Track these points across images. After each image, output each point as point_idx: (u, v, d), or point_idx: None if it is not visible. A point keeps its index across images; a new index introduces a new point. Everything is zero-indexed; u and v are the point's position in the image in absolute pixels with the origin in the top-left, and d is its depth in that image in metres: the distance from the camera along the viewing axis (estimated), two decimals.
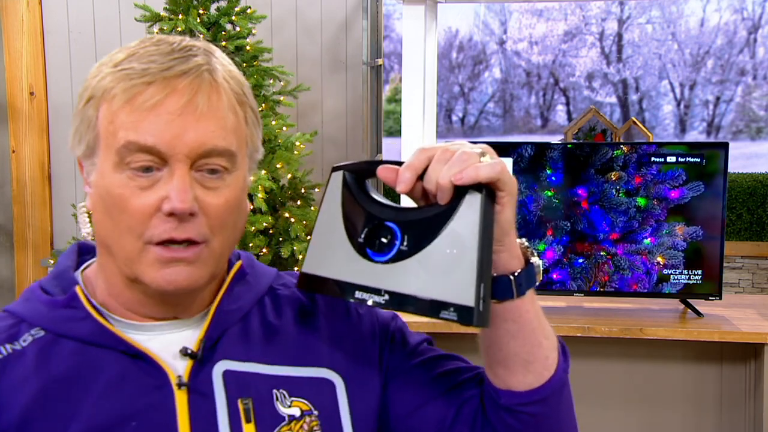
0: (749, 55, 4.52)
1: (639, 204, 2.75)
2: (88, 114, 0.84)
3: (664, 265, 2.76)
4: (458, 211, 0.80)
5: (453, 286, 0.79)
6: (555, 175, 2.77)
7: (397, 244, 0.82)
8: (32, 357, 0.85)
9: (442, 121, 4.69)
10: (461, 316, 0.78)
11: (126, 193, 0.82)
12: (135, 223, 0.82)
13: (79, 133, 0.86)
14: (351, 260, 0.85)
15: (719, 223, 2.72)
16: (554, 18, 4.53)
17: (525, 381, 0.89)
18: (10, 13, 4.05)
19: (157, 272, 0.83)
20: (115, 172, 0.82)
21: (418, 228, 0.81)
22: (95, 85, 0.84)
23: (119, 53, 0.85)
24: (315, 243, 0.90)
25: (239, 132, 0.86)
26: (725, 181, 2.72)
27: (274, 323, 0.93)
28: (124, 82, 0.81)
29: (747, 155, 4.58)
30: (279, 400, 0.88)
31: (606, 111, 4.50)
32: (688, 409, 2.91)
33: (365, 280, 0.83)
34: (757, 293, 4.29)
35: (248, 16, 3.48)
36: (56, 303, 0.89)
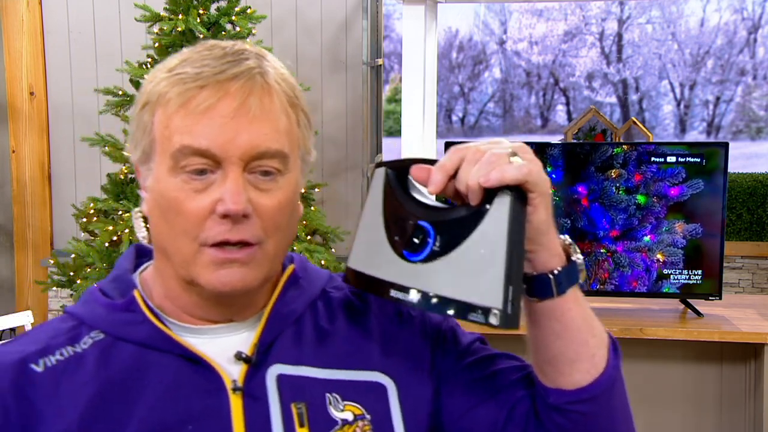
0: (749, 55, 4.52)
1: (639, 201, 2.75)
2: (143, 119, 0.85)
3: (663, 263, 2.76)
4: (489, 212, 0.79)
5: (481, 288, 0.78)
6: (555, 173, 2.77)
7: (431, 244, 0.82)
8: (92, 360, 0.86)
9: (442, 121, 4.69)
10: (488, 319, 0.78)
11: (181, 197, 0.82)
12: (190, 225, 0.83)
13: (135, 138, 0.87)
14: (388, 258, 0.85)
15: (719, 220, 2.72)
16: (554, 18, 4.53)
17: (572, 380, 0.88)
18: (10, 13, 4.05)
19: (212, 274, 0.83)
20: (170, 176, 0.83)
21: (451, 228, 0.81)
22: (150, 91, 0.85)
23: (173, 58, 0.86)
24: (358, 239, 0.90)
25: (291, 134, 0.87)
26: (725, 182, 2.71)
27: (327, 327, 0.93)
28: (177, 86, 0.82)
29: (747, 155, 4.58)
30: (332, 404, 0.88)
31: (606, 111, 4.50)
32: (688, 409, 2.91)
33: (400, 279, 0.83)
34: (757, 293, 4.29)
35: (248, 16, 3.48)
36: (115, 306, 0.90)
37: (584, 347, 0.88)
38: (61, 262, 3.30)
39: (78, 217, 3.30)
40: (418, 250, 0.83)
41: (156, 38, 3.44)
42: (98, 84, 3.55)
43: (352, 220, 4.17)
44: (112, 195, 3.25)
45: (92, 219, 3.22)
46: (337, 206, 4.20)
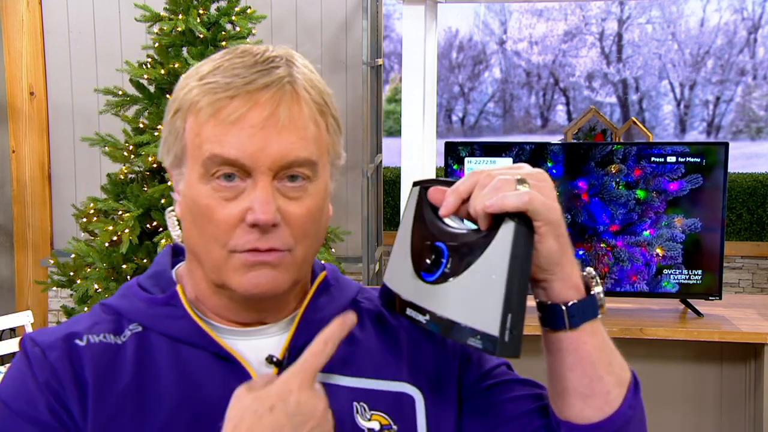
0: (749, 55, 4.52)
1: (638, 196, 2.76)
2: (176, 125, 0.86)
3: (663, 257, 2.77)
4: (494, 239, 0.79)
5: (481, 315, 0.79)
6: (556, 168, 2.78)
7: (443, 266, 0.82)
8: (131, 350, 0.88)
9: (442, 121, 4.69)
10: (486, 345, 0.78)
11: (212, 204, 0.84)
12: (220, 233, 0.84)
13: (167, 143, 0.88)
14: (409, 277, 0.85)
15: (717, 214, 2.73)
16: (554, 18, 4.53)
17: (583, 414, 0.88)
18: (10, 13, 4.05)
19: (243, 277, 0.84)
20: (201, 183, 0.84)
21: (462, 252, 0.81)
22: (182, 98, 0.86)
23: (205, 65, 0.87)
24: (392, 257, 0.90)
25: (320, 141, 0.87)
26: (725, 182, 2.72)
27: (357, 335, 0.93)
28: (209, 95, 0.83)
29: (747, 155, 4.58)
30: (359, 412, 0.88)
31: (606, 111, 4.50)
32: (688, 409, 2.91)
33: (415, 298, 0.84)
34: (757, 293, 4.29)
35: (248, 16, 3.48)
36: (155, 300, 0.91)
37: (598, 383, 0.87)
38: (61, 262, 3.30)
39: (78, 217, 3.31)
40: (433, 270, 0.83)
41: (156, 38, 3.44)
42: (98, 84, 3.55)
43: (352, 220, 4.17)
44: (112, 195, 3.25)
45: (92, 219, 3.23)
46: (338, 206, 4.19)
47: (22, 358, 0.88)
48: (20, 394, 0.85)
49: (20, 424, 0.83)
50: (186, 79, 0.87)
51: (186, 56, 3.38)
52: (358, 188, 3.86)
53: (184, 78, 0.88)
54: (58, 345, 0.87)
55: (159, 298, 0.91)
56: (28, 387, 0.85)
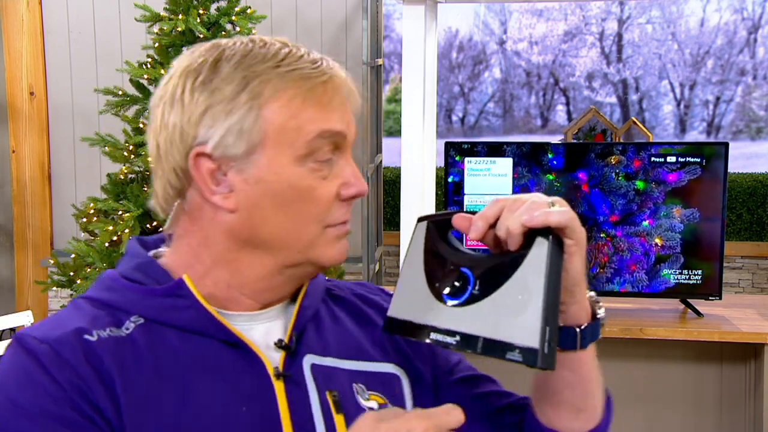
0: (749, 55, 4.52)
1: (638, 187, 2.78)
2: (251, 115, 0.85)
3: (662, 247, 2.78)
4: (527, 257, 0.83)
5: (519, 329, 0.82)
6: (556, 159, 2.81)
7: (470, 289, 0.86)
8: (141, 342, 0.87)
9: (442, 121, 4.69)
10: (526, 358, 0.81)
11: (313, 184, 0.87)
12: (320, 210, 0.88)
13: (234, 134, 0.86)
14: (428, 304, 0.88)
15: (717, 205, 2.75)
16: (554, 18, 4.53)
17: (571, 426, 0.95)
18: (10, 13, 4.05)
19: (334, 248, 0.90)
20: (295, 166, 0.86)
21: (490, 273, 0.85)
22: (255, 88, 0.86)
23: (263, 56, 0.87)
24: (399, 288, 0.93)
25: None
26: (725, 182, 2.73)
27: (340, 321, 0.99)
28: (300, 81, 0.86)
29: (747, 155, 4.58)
30: (359, 393, 0.92)
31: (606, 111, 4.50)
32: (688, 409, 2.91)
33: (439, 322, 0.87)
34: (757, 293, 4.29)
35: (248, 16, 3.48)
36: (155, 291, 0.90)
37: (591, 399, 0.94)
38: (61, 262, 3.30)
39: (78, 217, 3.30)
40: (458, 294, 0.87)
41: (156, 38, 3.44)
42: (98, 84, 3.55)
43: (352, 219, 4.16)
44: (112, 195, 3.25)
45: (92, 219, 3.23)
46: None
47: (25, 357, 0.84)
48: (39, 396, 0.81)
49: (48, 427, 0.81)
50: (241, 69, 0.86)
51: None
52: None
53: (245, 68, 0.86)
54: (68, 341, 0.85)
55: (158, 289, 0.90)
56: (46, 388, 0.82)
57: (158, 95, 0.91)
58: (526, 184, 2.82)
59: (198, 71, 0.87)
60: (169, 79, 0.90)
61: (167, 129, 0.88)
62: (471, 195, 2.96)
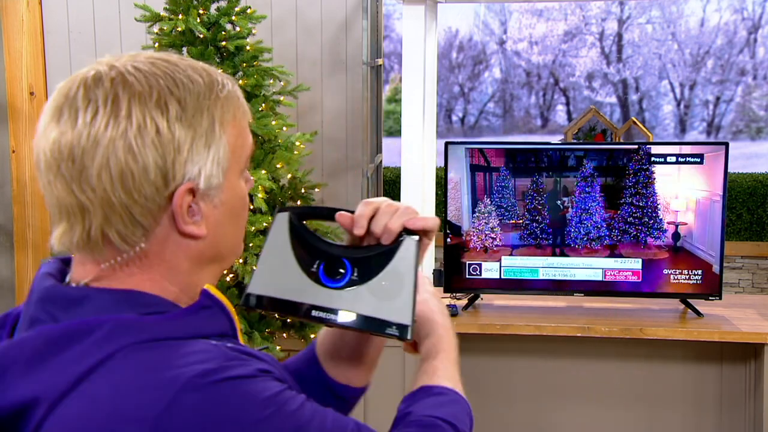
0: (749, 55, 4.52)
1: (638, 187, 2.79)
2: (222, 142, 0.87)
3: (661, 246, 2.80)
4: (399, 251, 1.02)
5: (395, 309, 1.01)
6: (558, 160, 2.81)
7: (349, 275, 1.02)
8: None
9: (442, 121, 4.70)
10: (401, 333, 1.00)
11: (246, 191, 0.95)
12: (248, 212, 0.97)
13: (215, 163, 0.87)
14: (305, 286, 1.03)
15: (717, 204, 2.76)
16: (554, 18, 4.53)
17: (365, 379, 1.17)
18: (10, 13, 4.05)
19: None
20: (240, 179, 0.93)
21: (367, 262, 1.03)
22: (220, 116, 0.88)
23: (205, 83, 0.89)
24: (263, 269, 1.06)
25: None
26: (725, 182, 2.73)
27: None
28: (236, 101, 0.92)
29: (747, 155, 4.59)
30: None
31: (606, 111, 4.51)
32: (688, 409, 2.92)
33: (320, 302, 1.02)
34: (757, 293, 4.30)
35: (248, 16, 3.48)
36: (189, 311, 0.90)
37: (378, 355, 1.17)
38: None
39: None
40: (338, 279, 1.03)
41: (156, 38, 3.44)
42: None
43: None
44: None
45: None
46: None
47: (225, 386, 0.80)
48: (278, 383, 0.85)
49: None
50: (203, 101, 0.86)
51: (186, 56, 3.38)
52: (358, 188, 3.87)
53: (202, 99, 0.86)
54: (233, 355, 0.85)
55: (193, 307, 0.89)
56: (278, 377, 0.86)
57: (100, 133, 0.82)
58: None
59: (164, 106, 0.83)
60: (114, 116, 0.83)
61: (133, 168, 0.82)
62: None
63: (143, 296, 0.86)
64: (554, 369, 2.97)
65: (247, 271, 3.26)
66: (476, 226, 2.85)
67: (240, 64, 3.44)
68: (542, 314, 2.84)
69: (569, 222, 2.82)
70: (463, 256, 2.86)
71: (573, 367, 2.96)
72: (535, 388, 2.98)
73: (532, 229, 2.83)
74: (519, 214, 2.84)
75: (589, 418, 2.97)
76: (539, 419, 3.00)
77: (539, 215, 2.83)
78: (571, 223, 2.82)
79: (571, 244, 2.83)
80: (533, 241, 2.84)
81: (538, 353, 2.96)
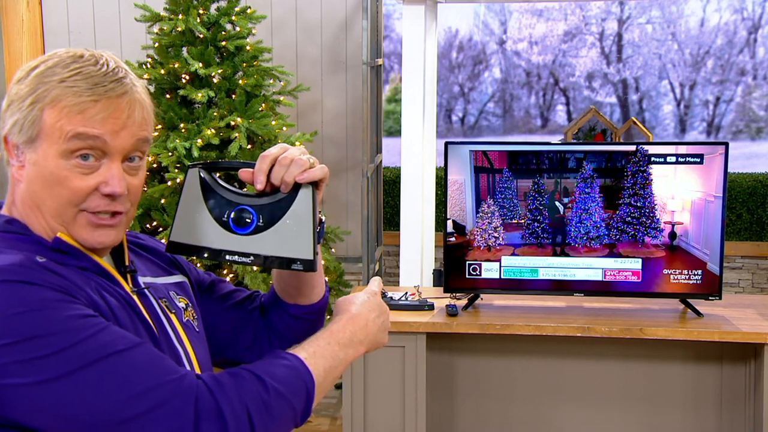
0: (749, 55, 4.52)
1: (638, 187, 2.80)
2: (32, 113, 1.07)
3: (660, 246, 2.81)
4: (297, 198, 1.17)
5: (299, 248, 1.16)
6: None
7: (255, 222, 1.17)
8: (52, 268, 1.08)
9: (442, 121, 4.70)
10: (306, 266, 1.16)
11: (70, 176, 1.07)
12: (73, 197, 1.08)
13: (20, 125, 1.08)
14: (218, 233, 1.19)
15: (717, 204, 2.76)
16: (554, 18, 4.54)
17: (309, 300, 1.34)
18: (11, 13, 4.06)
19: (88, 233, 1.10)
20: (60, 158, 1.07)
21: (270, 210, 1.17)
22: (40, 93, 1.07)
23: (57, 67, 1.08)
24: (181, 219, 1.22)
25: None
26: (725, 182, 2.74)
27: (146, 255, 1.28)
28: (73, 97, 1.06)
29: (747, 155, 4.60)
30: (175, 298, 1.23)
31: (606, 111, 4.51)
32: (688, 408, 2.92)
33: (233, 247, 1.18)
34: (757, 293, 4.31)
35: (248, 16, 3.49)
36: (46, 243, 1.11)
37: (319, 279, 1.35)
38: None
39: None
40: (245, 226, 1.18)
41: (156, 38, 3.45)
42: None
43: (352, 220, 4.18)
44: None
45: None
46: (338, 206, 4.20)
47: (11, 281, 0.98)
48: (52, 287, 1.00)
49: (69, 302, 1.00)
50: (39, 77, 1.07)
51: (186, 56, 3.39)
52: (358, 188, 3.87)
53: (36, 75, 1.07)
54: (33, 261, 1.03)
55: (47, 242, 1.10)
56: (53, 282, 1.01)
57: None
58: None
59: (20, 73, 1.10)
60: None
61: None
62: None
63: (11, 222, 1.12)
64: (554, 369, 2.97)
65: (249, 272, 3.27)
66: (480, 225, 2.86)
67: (240, 64, 3.45)
68: (542, 314, 2.85)
69: (569, 222, 2.83)
70: (467, 254, 2.87)
71: (573, 366, 2.96)
72: (534, 387, 2.99)
73: (533, 228, 2.84)
74: (521, 214, 2.85)
75: (588, 418, 2.98)
76: (539, 418, 3.01)
77: (540, 215, 2.84)
78: (571, 223, 2.83)
79: (571, 243, 2.84)
80: (535, 240, 2.85)
81: (538, 353, 2.97)
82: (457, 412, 3.02)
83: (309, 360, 1.10)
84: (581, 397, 2.97)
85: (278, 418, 1.04)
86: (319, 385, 1.10)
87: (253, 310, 1.38)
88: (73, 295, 1.01)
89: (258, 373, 1.05)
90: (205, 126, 3.32)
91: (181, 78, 3.38)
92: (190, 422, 0.97)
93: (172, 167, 3.29)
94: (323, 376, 1.11)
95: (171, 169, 3.30)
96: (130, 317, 1.10)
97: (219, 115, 3.36)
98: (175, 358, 1.14)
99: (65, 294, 1.00)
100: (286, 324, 1.36)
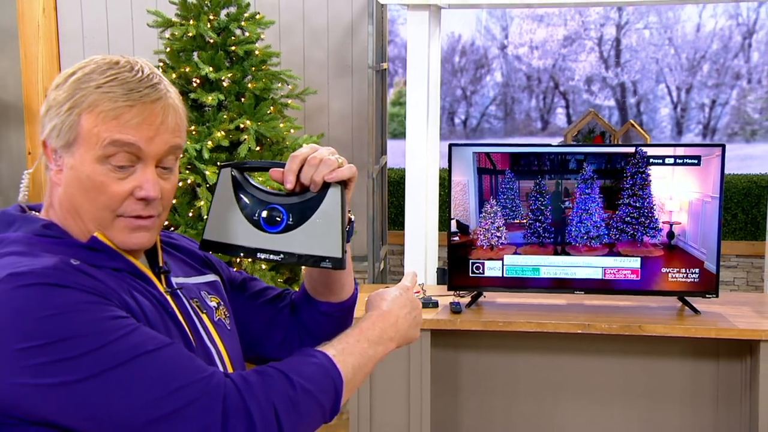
0: (744, 59, 4.59)
1: (636, 188, 2.83)
2: (70, 118, 1.08)
3: (659, 245, 2.85)
4: (327, 197, 1.18)
5: (328, 246, 1.18)
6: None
7: (285, 220, 1.19)
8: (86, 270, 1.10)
9: (445, 124, 4.76)
10: (334, 264, 1.18)
11: (107, 181, 1.09)
12: (110, 202, 1.09)
13: (58, 130, 1.10)
14: (250, 232, 1.21)
15: (713, 205, 2.79)
16: (554, 23, 4.59)
17: (339, 298, 1.35)
18: (27, 19, 4.12)
19: (125, 236, 1.11)
20: (96, 164, 1.08)
21: (300, 209, 1.19)
22: (77, 99, 1.08)
23: (94, 74, 1.09)
24: (214, 218, 1.24)
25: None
26: (722, 183, 2.78)
27: (178, 255, 1.29)
28: (109, 102, 1.07)
29: (741, 157, 4.65)
30: (206, 297, 1.24)
31: (605, 114, 4.56)
32: (685, 404, 2.95)
33: (264, 245, 1.20)
34: (752, 291, 4.35)
35: (257, 22, 3.54)
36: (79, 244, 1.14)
37: (349, 277, 1.35)
38: None
39: None
40: (276, 224, 1.19)
41: (167, 43, 3.50)
42: None
43: (357, 220, 4.22)
44: None
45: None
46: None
47: (45, 284, 0.99)
48: (82, 289, 1.01)
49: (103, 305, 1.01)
50: (76, 83, 1.08)
51: (197, 60, 3.43)
52: (364, 189, 3.91)
53: (73, 81, 1.09)
54: (67, 263, 1.04)
55: (82, 243, 1.11)
56: (84, 285, 1.02)
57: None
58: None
59: (58, 80, 1.12)
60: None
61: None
62: None
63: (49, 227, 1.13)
64: (555, 365, 2.99)
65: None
66: (483, 225, 2.90)
67: (249, 68, 3.50)
68: (544, 312, 2.87)
69: (570, 222, 2.87)
70: (470, 253, 2.90)
71: (573, 363, 2.98)
72: (536, 383, 3.01)
73: (535, 228, 2.89)
74: (523, 214, 2.89)
75: (589, 413, 3.01)
76: (540, 414, 3.03)
77: (542, 215, 2.88)
78: (571, 223, 2.87)
79: (571, 242, 2.87)
80: (536, 240, 2.88)
81: (539, 350, 2.99)
82: (461, 406, 3.05)
83: (337, 357, 1.10)
84: (582, 393, 3.00)
85: (306, 416, 1.05)
86: (348, 382, 1.10)
87: (283, 307, 1.38)
88: (105, 297, 1.02)
89: (285, 371, 1.06)
90: (215, 128, 3.36)
91: (192, 82, 3.42)
92: (218, 420, 0.98)
93: (183, 168, 3.34)
94: (352, 374, 1.11)
95: (182, 170, 3.34)
96: (161, 317, 1.11)
97: (229, 118, 3.40)
98: (207, 356, 1.15)
99: (97, 296, 1.01)
100: (316, 321, 1.36)
